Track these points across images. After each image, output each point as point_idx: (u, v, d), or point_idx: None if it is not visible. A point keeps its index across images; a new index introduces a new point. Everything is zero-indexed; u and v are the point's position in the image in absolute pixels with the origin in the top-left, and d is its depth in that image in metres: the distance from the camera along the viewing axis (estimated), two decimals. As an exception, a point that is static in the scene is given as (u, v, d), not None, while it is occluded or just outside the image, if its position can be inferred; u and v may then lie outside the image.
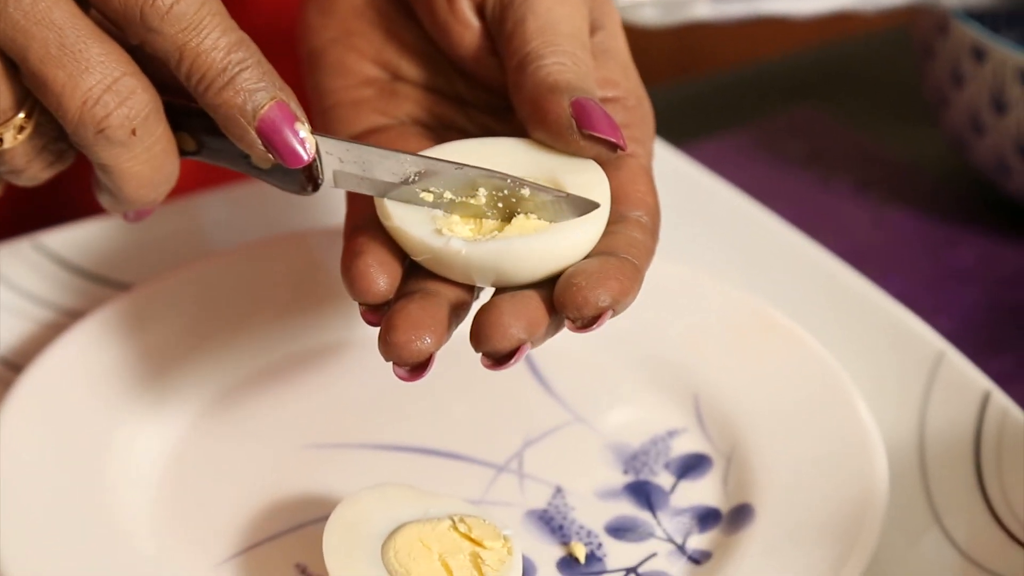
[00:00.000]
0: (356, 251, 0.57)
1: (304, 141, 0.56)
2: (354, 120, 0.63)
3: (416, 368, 0.54)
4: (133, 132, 0.56)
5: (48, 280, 0.72)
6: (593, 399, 0.68)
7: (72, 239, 0.73)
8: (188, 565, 0.60)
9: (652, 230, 0.58)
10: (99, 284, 0.72)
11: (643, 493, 0.63)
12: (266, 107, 0.56)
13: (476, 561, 0.57)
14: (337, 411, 0.66)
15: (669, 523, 0.62)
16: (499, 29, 0.60)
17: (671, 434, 0.66)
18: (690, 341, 0.69)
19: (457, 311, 0.56)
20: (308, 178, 0.58)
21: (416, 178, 0.57)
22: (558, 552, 0.61)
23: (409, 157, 0.57)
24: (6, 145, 0.56)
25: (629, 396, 0.68)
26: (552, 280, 0.55)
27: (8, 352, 0.69)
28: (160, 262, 0.73)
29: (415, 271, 0.57)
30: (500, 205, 0.57)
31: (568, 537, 0.62)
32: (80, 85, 0.55)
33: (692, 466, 0.65)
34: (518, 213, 0.56)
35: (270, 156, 0.56)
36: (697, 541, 0.62)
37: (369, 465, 0.64)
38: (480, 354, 0.54)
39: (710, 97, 0.96)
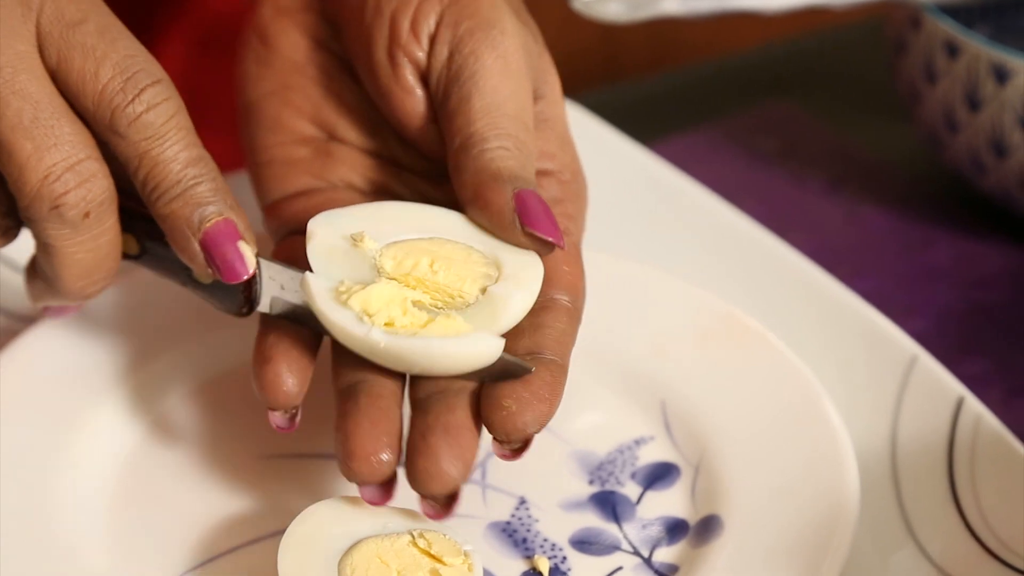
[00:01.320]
0: (266, 356, 0.57)
1: (244, 258, 0.57)
2: (286, 180, 0.63)
3: (385, 485, 0.56)
4: (87, 215, 0.56)
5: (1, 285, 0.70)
6: (560, 406, 0.66)
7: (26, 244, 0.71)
8: (141, 581, 0.59)
9: (576, 315, 0.59)
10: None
11: (609, 504, 0.62)
12: (213, 222, 0.57)
13: (435, 578, 0.56)
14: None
15: (635, 535, 0.61)
16: (443, 102, 0.60)
17: (638, 442, 0.65)
18: (657, 345, 0.67)
19: (399, 401, 0.57)
20: (245, 299, 0.59)
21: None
22: (521, 567, 0.60)
23: None
24: None
25: (595, 403, 0.66)
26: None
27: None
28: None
29: (338, 347, 0.58)
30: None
31: (532, 551, 0.60)
32: (45, 159, 0.55)
33: (659, 476, 0.63)
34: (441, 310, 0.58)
35: (210, 271, 0.57)
36: (664, 554, 0.60)
37: (327, 477, 0.63)
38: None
39: (681, 92, 0.94)
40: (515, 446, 0.56)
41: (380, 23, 0.61)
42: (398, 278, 0.58)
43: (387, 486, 0.56)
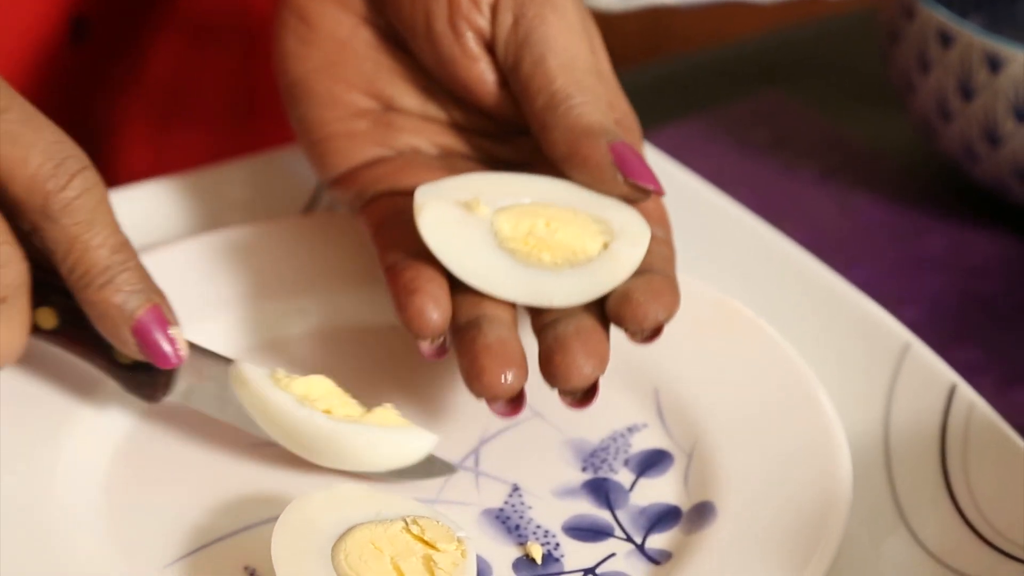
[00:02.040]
0: (409, 288, 0.60)
1: (177, 344, 0.59)
2: (351, 152, 0.64)
3: (513, 402, 0.59)
4: (2, 300, 0.57)
5: None
6: (551, 393, 0.66)
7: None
8: (135, 567, 0.59)
9: (671, 243, 0.63)
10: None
11: (602, 491, 0.62)
12: (144, 309, 0.58)
13: (429, 564, 0.56)
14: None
15: (628, 522, 0.61)
16: (515, 66, 0.62)
17: (631, 430, 0.64)
18: (651, 334, 0.67)
19: (517, 330, 0.60)
20: (163, 384, 0.61)
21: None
22: (514, 553, 0.60)
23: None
24: None
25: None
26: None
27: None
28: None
29: (459, 290, 0.60)
30: None
31: (525, 537, 0.60)
32: None
33: (652, 463, 0.63)
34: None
35: (140, 355, 0.59)
36: (657, 541, 0.60)
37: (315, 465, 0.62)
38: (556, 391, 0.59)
39: (673, 82, 0.94)
40: (646, 334, 0.60)
41: None
42: (517, 239, 0.60)
43: (516, 401, 0.59)
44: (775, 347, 0.66)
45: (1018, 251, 0.80)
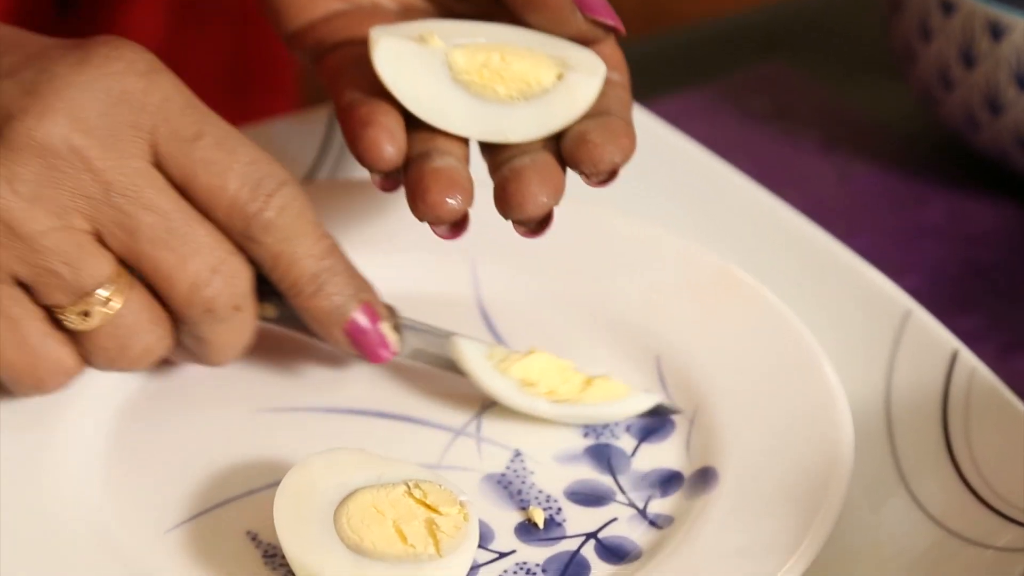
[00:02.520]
0: (364, 121, 0.59)
1: (388, 341, 0.61)
2: (312, 5, 0.64)
3: (455, 226, 0.59)
4: (237, 308, 0.58)
5: None
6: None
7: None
8: (136, 532, 0.59)
9: (628, 86, 0.62)
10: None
11: (603, 456, 0.62)
12: (352, 312, 0.60)
13: (431, 527, 0.56)
14: (290, 374, 0.64)
15: (630, 487, 0.61)
16: None
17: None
18: (652, 300, 0.67)
19: (468, 163, 0.60)
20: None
21: None
22: (516, 517, 0.60)
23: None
24: (93, 323, 0.57)
25: (590, 357, 0.66)
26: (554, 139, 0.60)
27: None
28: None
29: (413, 127, 0.59)
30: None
31: (527, 502, 0.60)
32: (189, 266, 0.57)
33: (654, 429, 0.63)
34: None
35: (352, 352, 0.61)
36: (659, 505, 0.60)
37: (322, 429, 0.63)
38: (511, 221, 0.59)
39: (675, 53, 0.94)
40: (602, 177, 0.59)
41: None
42: (472, 71, 0.60)
43: (458, 225, 0.59)
44: (776, 313, 0.66)
45: (1019, 220, 0.80)
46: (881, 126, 0.87)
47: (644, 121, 0.78)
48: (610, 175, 0.59)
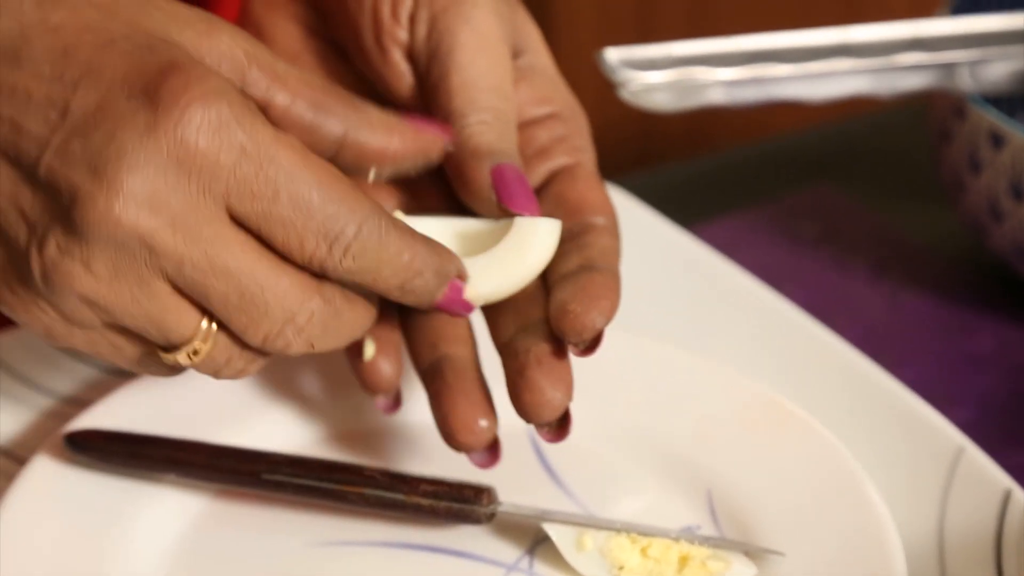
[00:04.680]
0: (359, 345, 0.62)
1: (467, 302, 0.60)
2: None
3: (491, 449, 0.61)
4: (312, 347, 0.58)
5: (50, 365, 0.70)
6: (605, 493, 0.66)
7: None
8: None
9: (615, 231, 0.62)
10: (102, 372, 0.71)
11: (656, 593, 0.62)
12: (439, 295, 0.59)
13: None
14: (346, 506, 0.65)
15: (682, 625, 0.61)
16: (425, 80, 0.63)
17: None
18: (701, 433, 0.68)
19: (479, 367, 0.62)
20: None
21: None
22: (570, 656, 0.60)
23: None
24: (183, 364, 0.57)
25: (641, 490, 0.66)
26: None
27: (7, 442, 0.67)
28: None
29: (407, 326, 0.62)
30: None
31: (582, 639, 0.60)
32: (260, 327, 0.57)
33: (706, 565, 0.63)
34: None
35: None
36: (711, 644, 0.60)
37: (375, 564, 0.63)
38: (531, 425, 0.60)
39: (723, 176, 0.95)
40: (586, 344, 0.59)
41: (363, 11, 0.63)
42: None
43: (493, 449, 0.61)
44: (827, 447, 0.66)
45: (1068, 350, 0.80)
46: (930, 252, 0.87)
47: (692, 249, 0.78)
48: (595, 342, 0.59)
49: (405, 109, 0.63)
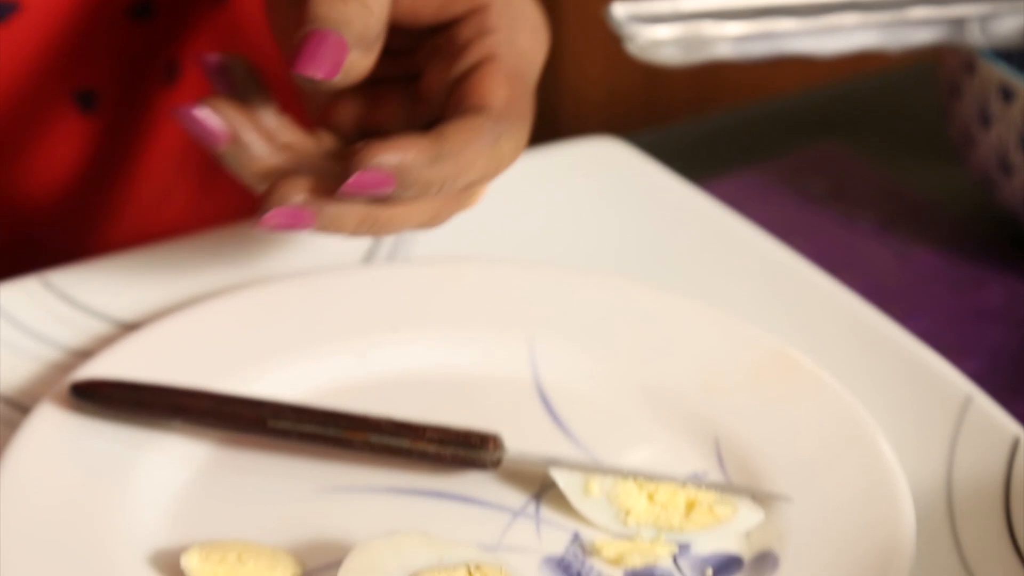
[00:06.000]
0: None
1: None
2: None
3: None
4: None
5: (55, 319, 0.70)
6: (611, 442, 0.66)
7: (81, 278, 0.72)
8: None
9: (479, 125, 0.61)
10: (107, 323, 0.71)
11: (663, 540, 0.62)
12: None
13: (492, 610, 0.56)
14: (351, 453, 0.64)
15: (690, 570, 0.60)
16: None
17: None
18: (710, 382, 0.67)
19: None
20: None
21: None
22: (576, 601, 0.60)
23: None
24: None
25: (649, 439, 0.66)
26: None
27: (12, 391, 0.67)
28: (170, 300, 0.71)
29: None
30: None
31: (586, 585, 0.60)
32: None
33: (713, 512, 0.63)
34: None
35: None
36: (718, 590, 0.60)
37: (382, 510, 0.62)
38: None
39: (732, 133, 0.94)
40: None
41: None
42: None
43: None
44: (835, 397, 0.66)
45: (1078, 304, 0.80)
46: (939, 208, 0.87)
47: (700, 203, 0.78)
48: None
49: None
